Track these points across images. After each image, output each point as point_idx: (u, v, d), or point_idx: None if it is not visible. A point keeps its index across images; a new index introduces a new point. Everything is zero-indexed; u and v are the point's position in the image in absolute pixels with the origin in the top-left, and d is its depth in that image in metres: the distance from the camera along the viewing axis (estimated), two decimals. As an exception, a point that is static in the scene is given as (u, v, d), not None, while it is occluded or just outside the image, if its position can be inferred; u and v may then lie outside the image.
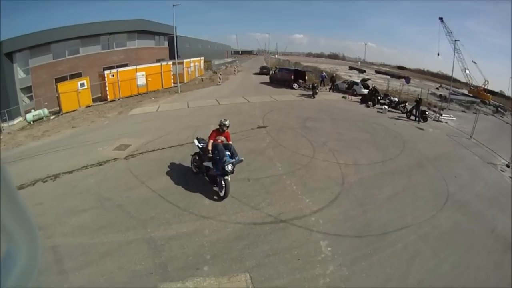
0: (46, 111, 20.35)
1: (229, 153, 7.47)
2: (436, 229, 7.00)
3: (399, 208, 7.69)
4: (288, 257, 5.63)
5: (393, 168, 10.14)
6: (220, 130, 7.83)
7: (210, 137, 7.76)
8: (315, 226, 6.62)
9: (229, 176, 7.35)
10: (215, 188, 7.73)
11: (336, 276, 5.29)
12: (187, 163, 8.95)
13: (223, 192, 7.40)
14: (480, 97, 37.77)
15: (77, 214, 6.79)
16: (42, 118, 19.69)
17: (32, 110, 20.88)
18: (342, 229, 6.60)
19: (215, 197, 7.50)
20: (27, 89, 25.61)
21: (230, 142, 7.90)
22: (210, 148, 7.60)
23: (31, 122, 19.17)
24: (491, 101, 37.46)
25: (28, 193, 7.81)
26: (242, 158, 7.72)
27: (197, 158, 8.46)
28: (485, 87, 43.36)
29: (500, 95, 45.70)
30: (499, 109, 32.53)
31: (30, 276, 0.80)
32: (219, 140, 7.80)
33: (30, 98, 25.54)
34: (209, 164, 7.75)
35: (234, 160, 7.36)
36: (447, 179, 9.70)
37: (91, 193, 7.73)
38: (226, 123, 7.82)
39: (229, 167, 7.23)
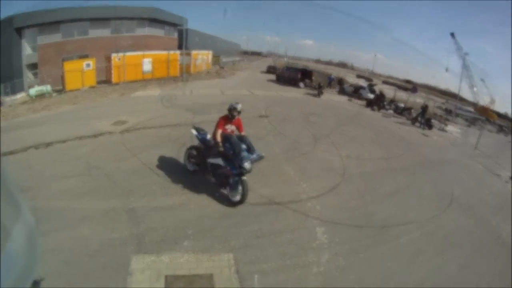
0: (49, 87, 20.20)
1: (245, 146, 6.06)
2: (440, 228, 6.58)
3: (402, 204, 7.27)
4: (279, 241, 5.18)
5: (396, 166, 9.77)
6: (230, 116, 6.27)
7: (217, 126, 6.14)
8: (312, 212, 6.18)
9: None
10: (224, 191, 6.24)
11: (332, 265, 4.84)
12: (183, 140, 8.53)
13: (238, 196, 5.91)
14: (486, 116, 37.20)
15: (63, 180, 6.50)
16: (45, 94, 19.52)
17: (36, 86, 20.72)
18: (341, 218, 6.15)
19: (226, 203, 6.05)
20: (33, 66, 25.43)
21: (244, 133, 6.41)
22: (219, 140, 6.05)
23: (34, 97, 19.00)
24: (496, 120, 36.86)
25: (19, 158, 7.57)
26: (263, 155, 6.33)
27: (195, 153, 6.93)
28: (491, 107, 42.71)
29: (504, 117, 45.02)
30: (503, 128, 32.07)
31: (30, 276, 0.84)
32: (229, 130, 6.30)
33: (35, 74, 25.36)
34: (218, 160, 6.16)
35: (254, 156, 5.97)
36: (451, 183, 9.32)
37: (80, 161, 7.44)
38: (238, 107, 6.22)
39: (248, 165, 5.79)
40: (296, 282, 4.44)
